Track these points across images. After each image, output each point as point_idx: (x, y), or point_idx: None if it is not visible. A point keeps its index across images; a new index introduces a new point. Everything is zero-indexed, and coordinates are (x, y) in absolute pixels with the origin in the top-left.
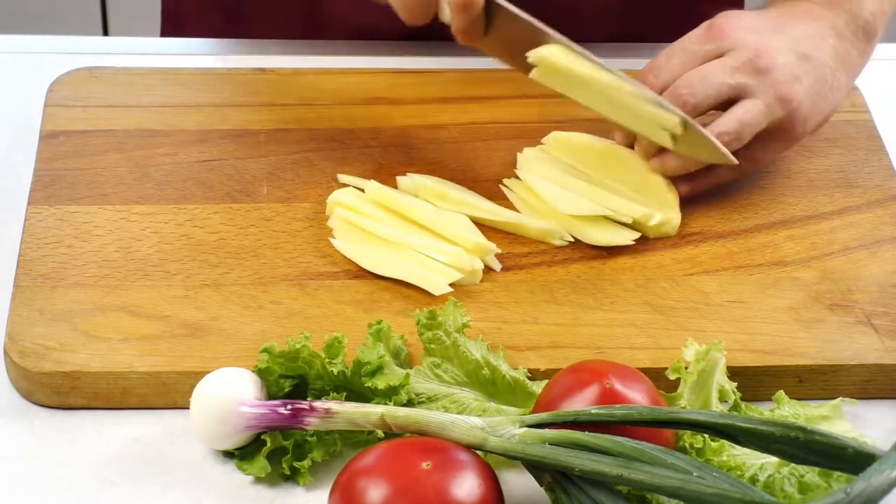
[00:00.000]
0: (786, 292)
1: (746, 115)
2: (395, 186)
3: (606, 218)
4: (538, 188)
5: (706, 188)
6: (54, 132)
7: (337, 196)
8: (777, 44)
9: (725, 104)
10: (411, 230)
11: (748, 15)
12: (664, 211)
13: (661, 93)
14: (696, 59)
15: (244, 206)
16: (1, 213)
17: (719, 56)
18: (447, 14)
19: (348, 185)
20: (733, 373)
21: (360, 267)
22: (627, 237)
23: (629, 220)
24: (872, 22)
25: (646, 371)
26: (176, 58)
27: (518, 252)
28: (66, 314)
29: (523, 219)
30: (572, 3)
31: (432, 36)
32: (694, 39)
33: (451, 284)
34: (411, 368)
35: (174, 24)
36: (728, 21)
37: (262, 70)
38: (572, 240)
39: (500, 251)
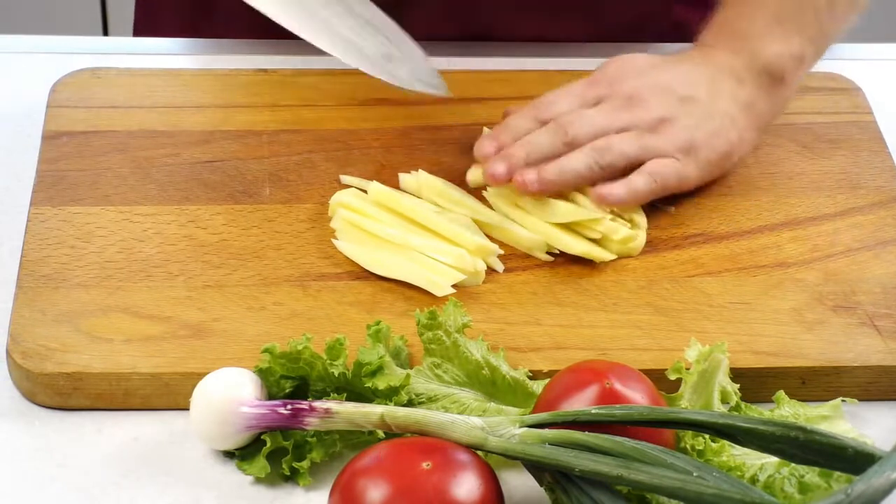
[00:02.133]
0: (789, 294)
1: (620, 141)
2: (397, 187)
3: (579, 233)
4: (512, 195)
5: (626, 194)
6: (57, 133)
7: (339, 197)
8: (654, 90)
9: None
10: (414, 231)
11: (640, 60)
12: (632, 226)
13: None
14: (583, 103)
15: (247, 206)
16: (3, 214)
17: (600, 101)
18: None
19: (351, 186)
20: (736, 374)
21: (362, 268)
22: (605, 255)
23: (598, 235)
24: (778, 63)
25: (648, 372)
26: (178, 58)
27: (520, 253)
28: (69, 315)
29: (515, 227)
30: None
31: (432, 37)
32: (577, 85)
33: (454, 286)
34: (412, 369)
35: (147, 22)
36: (608, 72)
37: (265, 71)
38: (557, 252)
39: (502, 252)
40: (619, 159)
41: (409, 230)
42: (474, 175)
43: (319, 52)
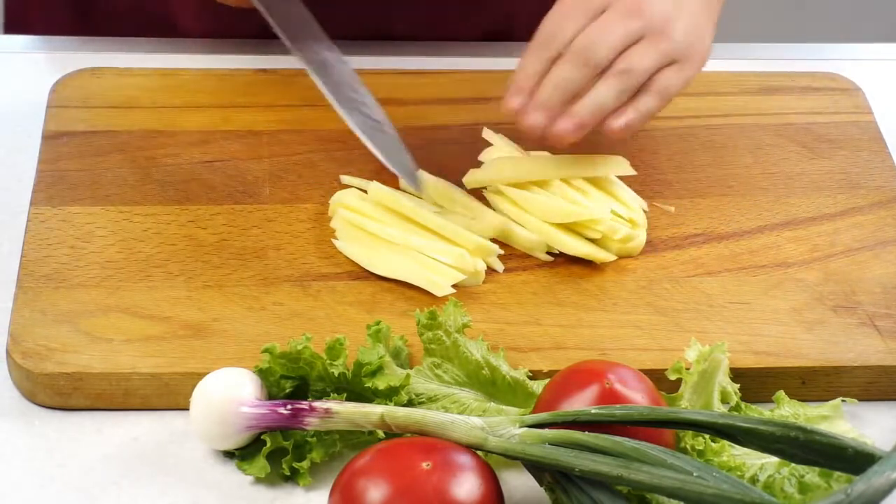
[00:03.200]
0: (789, 294)
1: (634, 57)
2: (397, 187)
3: (578, 233)
4: (511, 194)
5: (634, 119)
6: (57, 133)
7: (339, 197)
8: None
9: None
10: (414, 231)
11: None
12: (632, 226)
13: (558, 57)
14: (587, 17)
15: (247, 206)
16: (3, 214)
17: (603, 10)
18: None
19: (351, 186)
20: (736, 374)
21: (362, 268)
22: (605, 256)
23: (598, 235)
24: None
25: (648, 372)
26: (178, 58)
27: (520, 253)
28: (69, 315)
29: (515, 227)
30: None
31: (432, 36)
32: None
33: (454, 286)
34: (412, 369)
35: (19, 21)
36: None
37: (265, 71)
38: (557, 253)
39: (502, 252)
40: (644, 77)
41: (409, 230)
42: (473, 176)
43: None
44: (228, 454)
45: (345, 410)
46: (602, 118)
